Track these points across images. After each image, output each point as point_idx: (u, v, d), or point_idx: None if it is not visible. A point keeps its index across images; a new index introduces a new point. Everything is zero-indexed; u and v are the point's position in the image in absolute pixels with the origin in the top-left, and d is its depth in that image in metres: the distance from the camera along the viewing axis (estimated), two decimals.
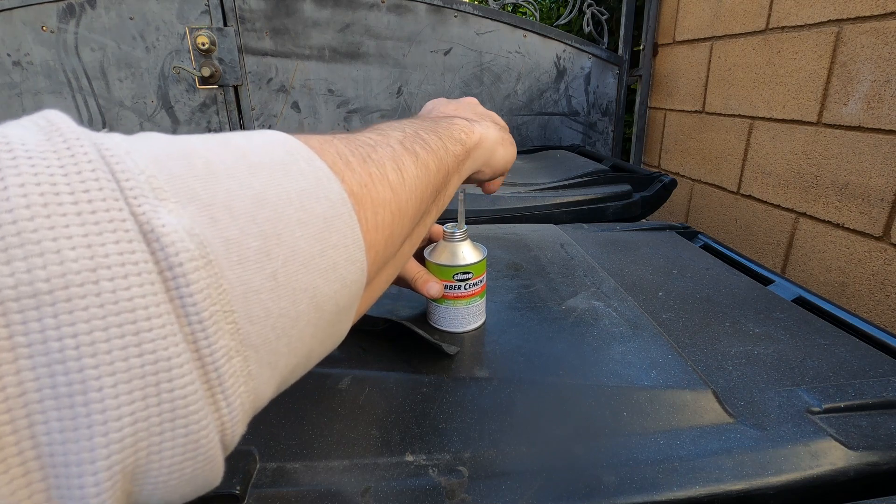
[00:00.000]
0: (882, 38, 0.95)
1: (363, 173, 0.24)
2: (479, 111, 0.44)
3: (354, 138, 0.27)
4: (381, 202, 0.25)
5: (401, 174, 0.27)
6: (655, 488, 0.34)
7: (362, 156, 0.25)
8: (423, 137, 0.31)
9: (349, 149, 0.25)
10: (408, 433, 0.38)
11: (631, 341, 0.49)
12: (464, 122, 0.37)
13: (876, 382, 0.44)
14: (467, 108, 0.44)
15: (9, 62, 1.32)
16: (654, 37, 1.71)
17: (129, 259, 0.14)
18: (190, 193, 0.17)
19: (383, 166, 0.26)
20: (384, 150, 0.27)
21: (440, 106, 0.44)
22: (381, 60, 1.60)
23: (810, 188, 1.13)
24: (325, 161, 0.22)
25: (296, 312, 0.19)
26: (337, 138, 0.26)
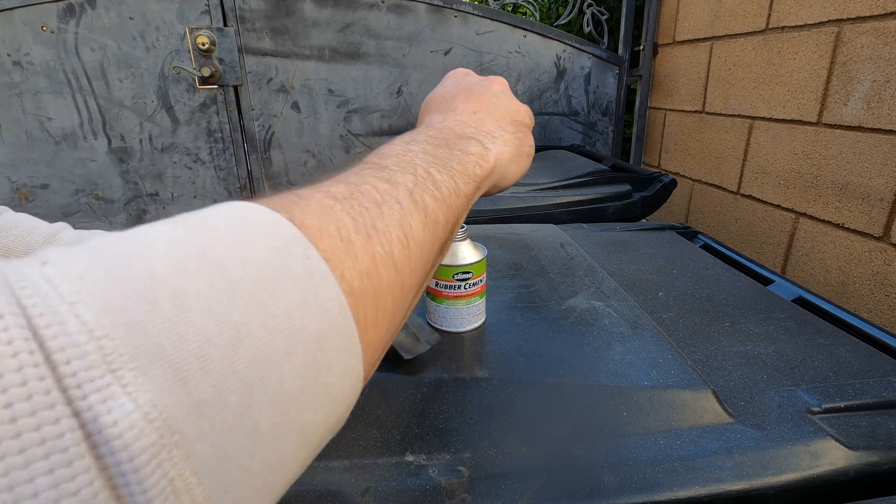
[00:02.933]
0: (882, 38, 0.95)
1: (366, 258, 0.21)
2: (500, 109, 0.39)
3: (360, 192, 0.23)
4: (385, 289, 0.22)
5: (407, 244, 0.23)
6: (655, 488, 0.34)
7: (367, 228, 0.22)
8: (435, 180, 0.28)
9: (352, 216, 0.21)
10: (408, 433, 0.38)
11: (631, 341, 0.49)
12: (480, 147, 0.34)
13: (876, 382, 0.44)
14: (488, 110, 0.38)
15: (9, 62, 1.32)
16: (654, 37, 1.71)
17: (65, 491, 0.11)
18: (153, 349, 0.14)
19: (389, 239, 0.22)
20: (391, 212, 0.23)
21: (459, 99, 0.39)
22: (381, 60, 1.60)
23: (810, 188, 1.13)
24: (324, 249, 0.19)
25: (280, 458, 0.17)
26: (339, 198, 0.22)
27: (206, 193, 1.60)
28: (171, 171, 1.54)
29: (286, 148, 1.62)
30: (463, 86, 0.40)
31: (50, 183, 1.45)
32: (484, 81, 0.40)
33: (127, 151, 1.49)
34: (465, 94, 0.39)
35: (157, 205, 1.57)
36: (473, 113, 0.37)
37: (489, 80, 0.41)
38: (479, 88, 0.39)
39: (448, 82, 0.41)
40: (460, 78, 0.41)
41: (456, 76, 0.42)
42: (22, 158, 1.40)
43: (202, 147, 1.55)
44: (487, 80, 0.41)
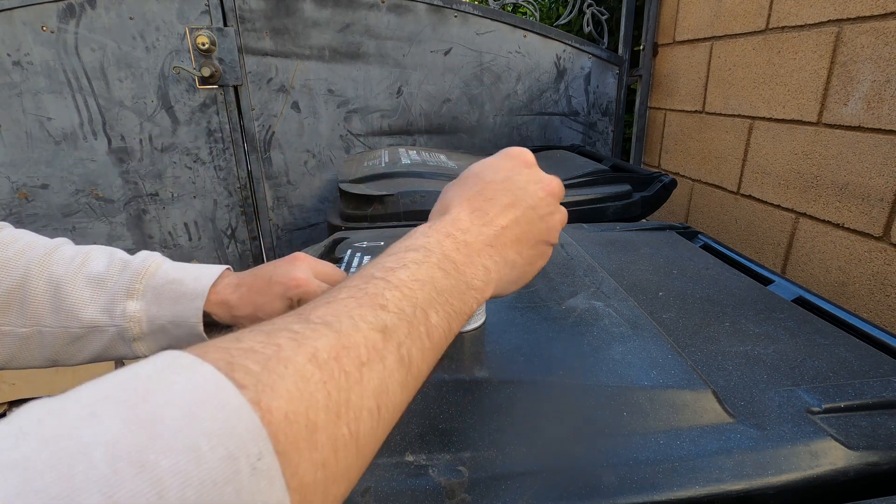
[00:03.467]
0: (882, 38, 0.95)
1: (328, 446, 0.19)
2: (529, 231, 0.36)
3: (346, 348, 0.22)
4: (340, 476, 0.20)
5: (378, 415, 0.22)
6: (655, 488, 0.34)
7: (338, 405, 0.20)
8: (430, 325, 0.26)
9: (328, 389, 0.20)
10: (408, 433, 0.38)
11: (631, 341, 0.49)
12: (483, 278, 0.32)
13: (876, 382, 0.44)
14: (515, 229, 0.35)
15: (9, 62, 1.32)
16: (654, 37, 1.71)
17: None
18: None
19: (359, 415, 0.21)
20: (372, 377, 0.22)
21: (497, 202, 0.35)
22: (381, 60, 1.60)
23: (810, 188, 1.13)
24: (283, 442, 0.17)
25: None
26: (321, 361, 0.20)
27: (206, 193, 1.60)
28: (171, 171, 1.54)
29: (286, 148, 1.62)
30: (512, 183, 0.37)
31: (50, 183, 1.45)
32: (535, 187, 0.37)
33: (127, 151, 1.49)
34: (509, 196, 0.36)
35: (157, 205, 1.57)
36: (501, 227, 0.35)
37: (543, 189, 0.37)
38: (527, 197, 0.36)
39: (502, 165, 0.38)
40: (515, 170, 0.38)
41: (514, 159, 0.38)
42: (22, 158, 1.40)
43: (202, 147, 1.55)
44: (541, 189, 0.37)
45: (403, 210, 1.03)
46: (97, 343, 0.43)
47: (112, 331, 0.43)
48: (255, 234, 1.69)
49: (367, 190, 1.06)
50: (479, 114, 1.73)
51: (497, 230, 0.35)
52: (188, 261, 1.58)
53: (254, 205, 1.65)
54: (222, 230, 1.66)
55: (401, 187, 1.05)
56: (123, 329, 0.43)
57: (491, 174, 0.37)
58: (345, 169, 1.28)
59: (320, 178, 1.69)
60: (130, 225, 1.56)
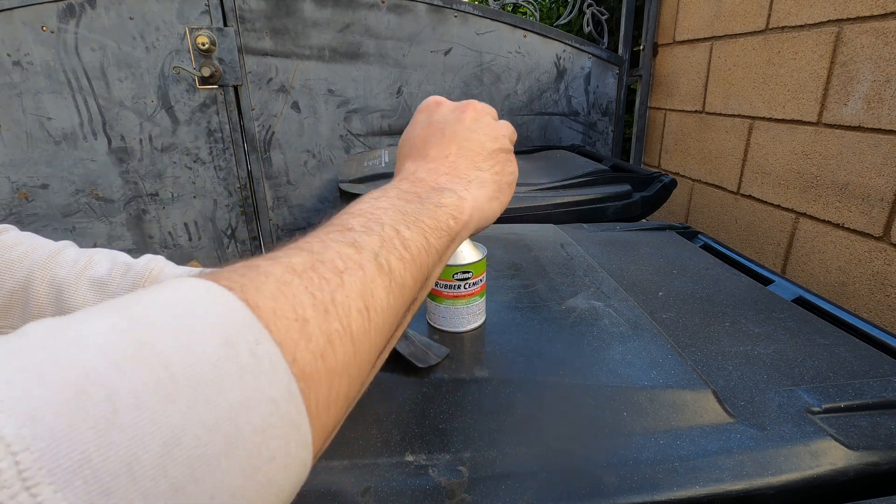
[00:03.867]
0: (882, 38, 0.95)
1: (322, 337, 0.20)
2: (474, 144, 0.38)
3: (321, 261, 0.23)
4: (340, 368, 0.21)
5: (368, 316, 0.23)
6: (655, 488, 0.34)
7: (325, 304, 0.21)
8: (404, 238, 0.27)
9: (310, 291, 0.21)
10: (408, 433, 0.38)
11: (631, 341, 0.49)
12: (454, 198, 0.33)
13: (876, 382, 0.44)
14: (462, 150, 0.37)
15: (9, 62, 1.32)
16: (654, 37, 1.71)
17: None
18: (78, 459, 0.13)
19: (348, 312, 0.22)
20: (353, 281, 0.23)
21: (431, 142, 0.37)
22: (381, 60, 1.60)
23: (810, 188, 1.13)
24: (277, 332, 0.18)
25: None
26: (299, 271, 0.21)
27: (206, 193, 1.60)
28: (171, 171, 1.54)
29: (286, 148, 1.62)
30: (434, 125, 0.39)
31: (50, 183, 1.45)
32: (455, 114, 0.39)
33: (127, 151, 1.49)
34: (437, 135, 0.38)
35: (157, 205, 1.57)
36: (446, 157, 0.36)
37: (460, 111, 0.39)
38: (451, 126, 0.38)
39: (419, 119, 0.41)
40: (431, 113, 0.40)
41: (427, 110, 0.41)
42: (22, 158, 1.40)
43: (202, 147, 1.55)
44: (459, 112, 0.39)
45: None
46: None
47: None
48: (255, 234, 1.69)
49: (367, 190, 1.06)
50: None
51: (443, 161, 0.36)
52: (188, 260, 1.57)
53: (254, 205, 1.65)
54: (222, 230, 1.66)
55: None
56: None
57: (414, 130, 0.40)
58: (345, 169, 1.28)
59: (320, 178, 1.69)
60: (130, 225, 1.56)
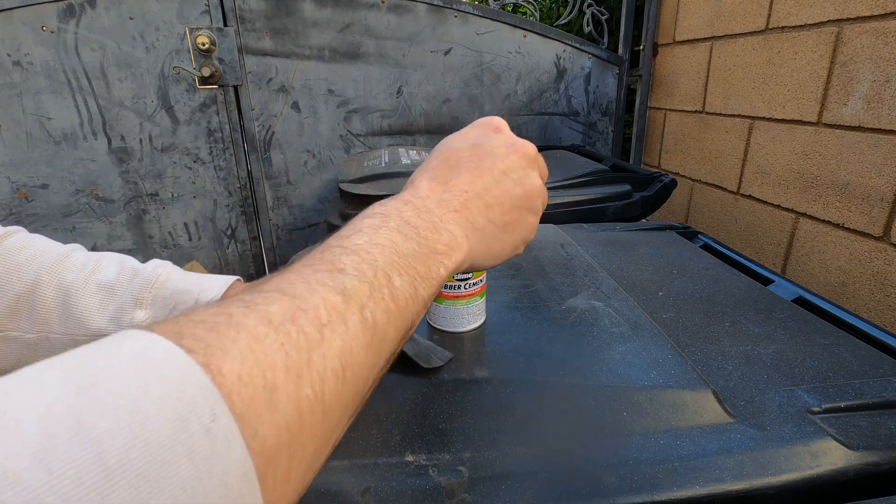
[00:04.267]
0: (882, 38, 0.95)
1: (290, 406, 0.18)
2: (498, 193, 0.34)
3: (303, 311, 0.21)
4: (306, 438, 0.19)
5: (343, 377, 0.21)
6: (655, 488, 0.34)
7: (299, 365, 0.19)
8: (394, 287, 0.25)
9: (286, 350, 0.19)
10: (408, 433, 0.38)
11: (631, 341, 0.49)
12: (452, 242, 0.31)
13: (876, 382, 0.44)
14: (482, 192, 0.34)
15: (9, 62, 1.32)
16: (654, 37, 1.71)
17: None
18: None
19: (323, 375, 0.20)
20: (334, 337, 0.21)
21: (463, 168, 0.34)
22: (381, 60, 1.60)
23: (810, 188, 1.13)
24: (239, 403, 0.16)
25: None
26: (277, 323, 0.20)
27: (206, 193, 1.60)
28: (171, 171, 1.54)
29: (286, 148, 1.62)
30: (478, 150, 0.35)
31: (50, 183, 1.45)
32: (503, 150, 0.35)
33: (127, 151, 1.49)
34: (473, 162, 0.35)
35: (157, 205, 1.57)
36: (465, 192, 0.33)
37: (511, 151, 0.35)
38: (491, 160, 0.35)
39: (470, 134, 0.37)
40: (484, 135, 0.36)
41: (483, 128, 0.37)
42: (22, 158, 1.40)
43: (202, 147, 1.55)
44: (509, 150, 0.35)
45: None
46: None
47: None
48: (255, 234, 1.69)
49: (367, 190, 1.06)
50: (479, 114, 1.73)
51: (460, 195, 0.33)
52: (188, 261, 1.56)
53: (254, 205, 1.65)
54: (222, 230, 1.66)
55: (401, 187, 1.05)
56: None
57: (457, 142, 0.36)
58: (345, 169, 1.28)
59: (320, 178, 1.69)
60: (130, 225, 1.56)
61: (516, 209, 0.35)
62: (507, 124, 0.38)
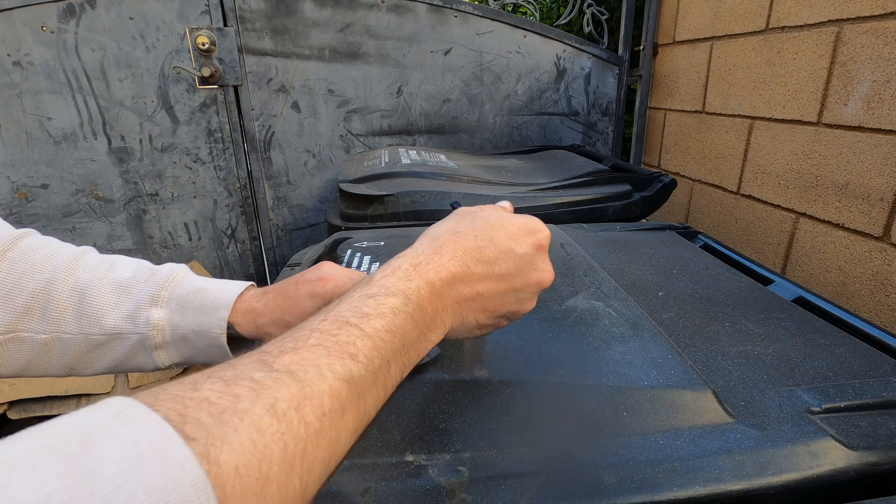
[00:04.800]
0: (882, 38, 0.95)
1: (277, 496, 0.19)
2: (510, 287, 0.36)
3: (308, 398, 0.21)
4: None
5: (328, 463, 0.22)
6: (655, 488, 0.34)
7: (293, 457, 0.19)
8: (390, 374, 0.27)
9: (284, 441, 0.19)
10: (408, 433, 0.38)
11: (631, 341, 0.49)
12: (438, 335, 0.33)
13: (876, 382, 0.44)
14: (499, 285, 0.35)
15: (9, 62, 1.32)
16: (654, 37, 1.71)
17: None
18: None
19: (312, 467, 0.21)
20: (330, 428, 0.22)
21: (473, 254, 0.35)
22: (381, 60, 1.60)
23: (810, 188, 1.13)
24: (232, 497, 0.17)
25: None
26: (280, 413, 0.20)
27: (206, 193, 1.60)
28: (171, 171, 1.54)
29: (286, 148, 1.62)
30: (512, 257, 0.36)
31: (50, 183, 1.45)
32: (527, 273, 0.37)
33: (127, 151, 1.49)
34: (500, 268, 0.35)
35: (157, 205, 1.57)
36: (476, 293, 0.35)
37: (535, 275, 0.37)
38: (514, 277, 0.36)
39: (515, 233, 0.37)
40: (524, 244, 0.36)
41: (526, 236, 0.37)
42: (22, 158, 1.40)
43: (202, 147, 1.55)
44: (533, 274, 0.37)
45: (403, 210, 1.03)
46: (118, 351, 0.42)
47: (134, 338, 0.42)
48: (255, 234, 1.69)
49: (367, 190, 1.06)
50: (479, 114, 1.73)
51: (472, 293, 0.34)
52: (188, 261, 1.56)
53: (254, 205, 1.65)
54: (222, 230, 1.66)
55: (401, 187, 1.05)
56: (146, 337, 0.42)
57: (501, 235, 0.36)
58: (345, 169, 1.28)
59: (320, 178, 1.69)
60: (130, 225, 1.56)
61: (501, 318, 0.37)
62: (549, 242, 0.38)
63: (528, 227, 0.38)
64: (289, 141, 1.62)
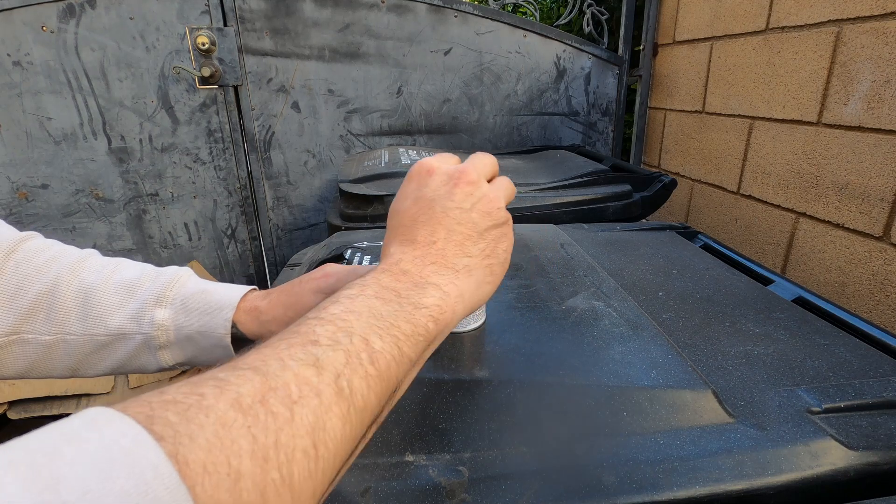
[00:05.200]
0: (882, 38, 0.95)
1: (255, 491, 0.18)
2: (466, 225, 0.34)
3: (273, 390, 0.21)
4: None
5: (315, 454, 0.21)
6: (655, 488, 0.34)
7: (266, 448, 0.19)
8: (373, 351, 0.25)
9: (253, 433, 0.19)
10: (408, 433, 0.38)
11: (631, 341, 0.49)
12: (437, 295, 0.31)
13: (876, 382, 0.44)
14: (450, 233, 0.34)
15: (9, 62, 1.32)
16: (654, 37, 1.71)
17: None
18: None
19: (291, 456, 0.20)
20: (305, 414, 0.21)
21: (420, 223, 0.34)
22: (381, 60, 1.60)
23: (810, 188, 1.13)
24: (203, 496, 0.17)
25: None
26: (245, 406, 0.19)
27: (206, 193, 1.60)
28: (171, 171, 1.54)
29: (286, 148, 1.62)
30: (423, 201, 0.35)
31: (50, 183, 1.45)
32: (446, 188, 0.35)
33: (127, 151, 1.49)
34: (425, 213, 0.35)
35: (156, 205, 1.57)
36: (433, 243, 0.33)
37: (452, 185, 0.35)
38: (441, 202, 0.35)
39: (409, 190, 0.37)
40: (421, 185, 0.36)
41: (417, 179, 0.37)
42: (22, 158, 1.40)
43: (202, 147, 1.55)
44: (450, 186, 0.35)
45: None
46: (122, 351, 0.42)
47: (138, 339, 0.42)
48: (255, 234, 1.69)
49: (367, 190, 1.06)
50: (479, 114, 1.73)
51: (430, 249, 0.33)
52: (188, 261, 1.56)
53: (254, 205, 1.65)
54: (222, 230, 1.66)
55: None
56: (150, 337, 0.42)
57: (403, 203, 0.36)
58: (345, 169, 1.28)
59: (320, 178, 1.69)
60: (130, 225, 1.56)
61: (485, 231, 0.35)
62: (437, 159, 0.38)
63: (410, 176, 0.37)
64: (289, 141, 1.62)
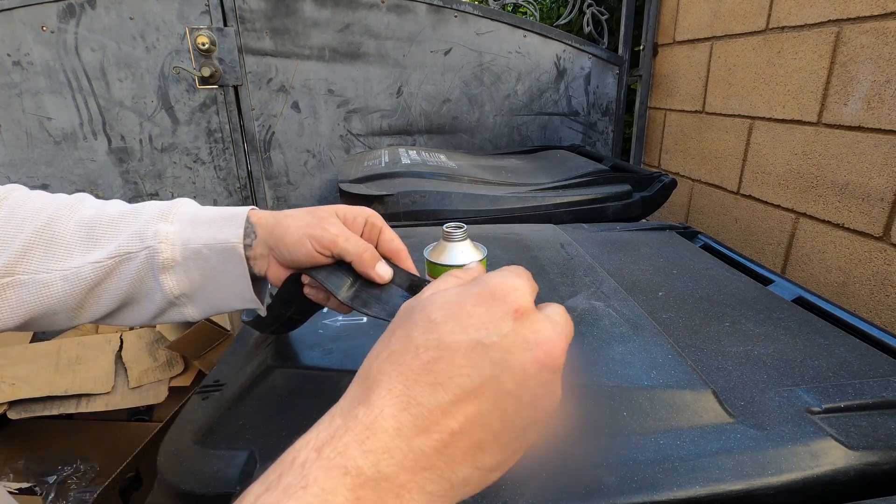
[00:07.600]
0: (882, 38, 0.95)
1: None
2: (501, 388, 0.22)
3: None
4: None
5: None
6: (655, 488, 0.34)
7: None
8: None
9: None
10: None
11: (631, 341, 0.49)
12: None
13: (876, 382, 0.44)
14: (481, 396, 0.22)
15: (9, 62, 1.32)
16: (654, 37, 1.71)
17: None
18: None
19: None
20: None
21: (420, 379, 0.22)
22: (381, 60, 1.59)
23: (810, 188, 1.13)
24: None
25: None
26: None
27: (206, 193, 1.60)
28: (171, 171, 1.54)
29: (286, 148, 1.62)
30: (481, 352, 0.22)
31: (50, 183, 1.45)
32: (516, 360, 0.22)
33: (127, 151, 1.49)
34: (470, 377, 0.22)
35: None
36: (449, 430, 0.21)
37: (529, 357, 0.23)
38: (498, 379, 0.22)
39: (473, 314, 0.23)
40: (492, 322, 0.23)
41: (491, 308, 0.24)
42: (22, 158, 1.40)
43: (202, 147, 1.55)
44: (526, 358, 0.23)
45: (403, 210, 1.03)
46: (125, 277, 0.39)
47: (142, 256, 0.39)
48: None
49: (367, 190, 1.06)
50: (479, 114, 1.73)
51: (442, 439, 0.21)
52: None
53: (254, 205, 1.65)
54: None
55: (401, 187, 1.05)
56: (154, 251, 0.39)
57: (452, 329, 0.23)
58: (345, 169, 1.28)
59: (320, 178, 1.69)
60: None
61: (517, 440, 0.24)
62: (531, 299, 0.25)
63: (491, 291, 0.24)
64: (289, 141, 1.62)
